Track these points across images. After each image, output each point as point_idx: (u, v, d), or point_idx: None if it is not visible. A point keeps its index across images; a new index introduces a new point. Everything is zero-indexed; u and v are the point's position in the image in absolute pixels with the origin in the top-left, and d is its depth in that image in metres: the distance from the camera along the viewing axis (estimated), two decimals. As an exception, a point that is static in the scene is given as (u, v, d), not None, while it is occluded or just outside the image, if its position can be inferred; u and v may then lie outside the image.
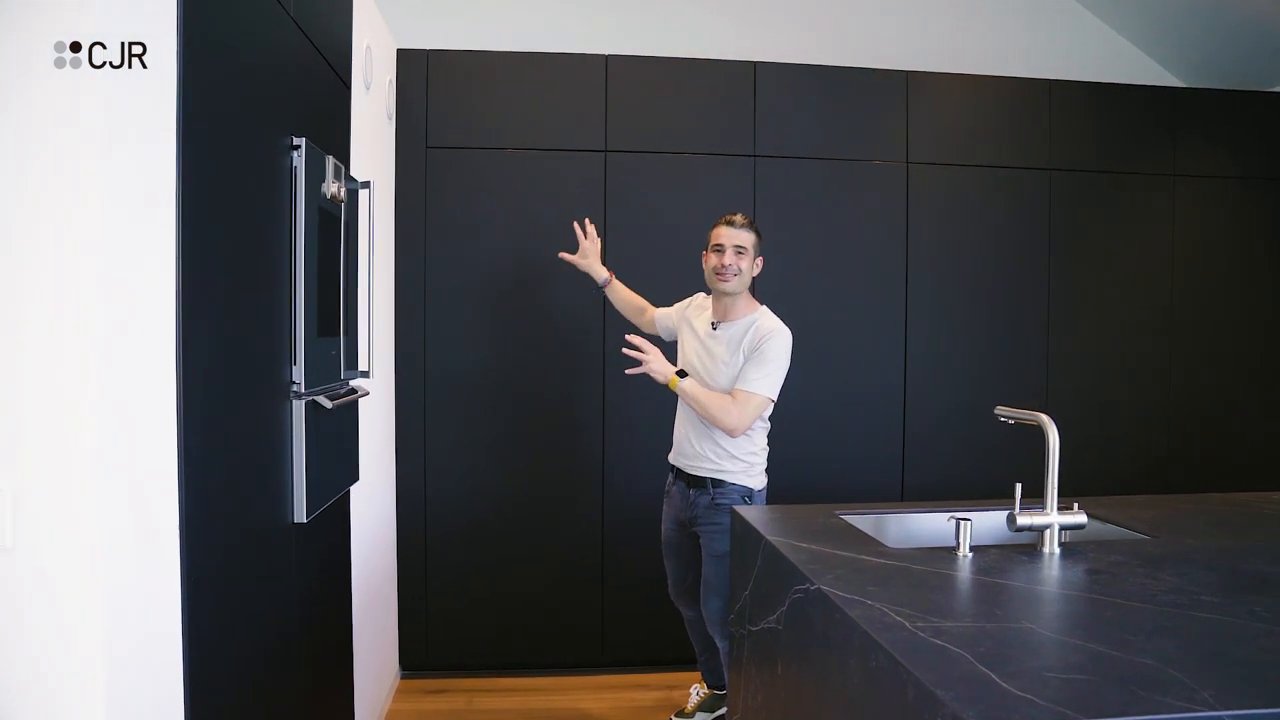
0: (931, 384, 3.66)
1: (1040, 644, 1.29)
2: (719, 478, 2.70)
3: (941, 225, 3.66)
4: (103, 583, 1.23)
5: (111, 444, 1.26)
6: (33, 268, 1.20)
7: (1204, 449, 3.84)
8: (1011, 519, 1.82)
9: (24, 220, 1.19)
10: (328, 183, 2.16)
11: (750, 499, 2.71)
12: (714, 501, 2.70)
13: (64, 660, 1.21)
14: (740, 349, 2.64)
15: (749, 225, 2.71)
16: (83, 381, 1.22)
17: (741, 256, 2.67)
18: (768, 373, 2.59)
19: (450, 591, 3.46)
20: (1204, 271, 3.83)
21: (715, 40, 3.88)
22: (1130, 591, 1.52)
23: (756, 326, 2.65)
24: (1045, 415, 1.86)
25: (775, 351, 2.59)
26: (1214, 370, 3.85)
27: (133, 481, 1.32)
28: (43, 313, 1.21)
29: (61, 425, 1.21)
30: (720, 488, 2.70)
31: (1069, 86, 3.73)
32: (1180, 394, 3.83)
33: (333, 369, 2.27)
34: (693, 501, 2.74)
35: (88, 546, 1.21)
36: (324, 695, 2.31)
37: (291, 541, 2.00)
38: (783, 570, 1.79)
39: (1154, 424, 3.82)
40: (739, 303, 2.72)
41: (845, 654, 1.42)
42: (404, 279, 3.42)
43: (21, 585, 1.21)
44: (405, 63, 3.39)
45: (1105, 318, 3.77)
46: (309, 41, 2.11)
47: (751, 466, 2.72)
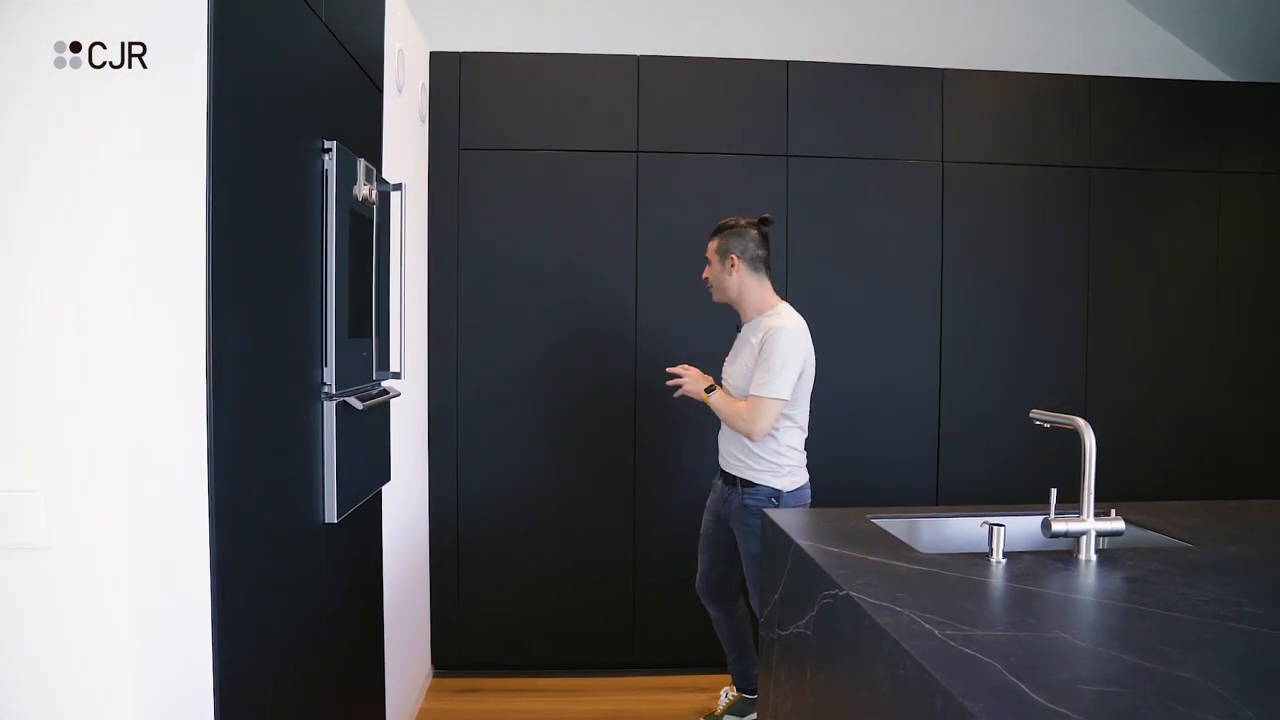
0: (967, 385, 3.61)
1: (1074, 654, 1.26)
2: (747, 478, 2.71)
3: (977, 225, 3.60)
4: (134, 581, 1.24)
5: (142, 444, 1.28)
6: (33, 267, 1.21)
7: (1249, 455, 3.74)
8: (1046, 525, 1.78)
9: (24, 220, 1.20)
10: (359, 185, 2.17)
11: (778, 500, 2.69)
12: (744, 501, 2.71)
13: (95, 657, 1.23)
14: (753, 348, 2.66)
15: (711, 233, 2.79)
16: (112, 384, 1.23)
17: (709, 268, 2.77)
18: (772, 375, 2.59)
19: (482, 590, 3.47)
20: (1251, 272, 3.73)
21: (747, 39, 3.85)
22: (1170, 601, 1.48)
23: (762, 326, 2.67)
24: (1081, 419, 1.82)
25: (774, 351, 2.59)
26: (1261, 374, 3.75)
27: (164, 481, 1.34)
28: (44, 313, 1.22)
29: (93, 427, 1.23)
30: (749, 488, 2.71)
31: (1109, 82, 3.66)
32: (1225, 398, 3.73)
33: (364, 370, 2.29)
34: (727, 499, 2.78)
35: (119, 546, 1.23)
36: (355, 693, 2.33)
37: (322, 541, 2.02)
38: (812, 575, 1.77)
39: (1196, 428, 3.72)
40: (747, 302, 2.75)
41: (873, 661, 1.40)
42: (437, 281, 3.44)
43: (56, 583, 1.23)
44: (438, 65, 3.41)
45: (1146, 319, 3.69)
46: (340, 46, 2.13)
47: (779, 468, 2.70)
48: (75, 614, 1.23)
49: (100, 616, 1.23)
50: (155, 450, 1.31)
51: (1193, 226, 3.71)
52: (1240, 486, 3.67)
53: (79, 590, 1.23)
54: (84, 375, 1.23)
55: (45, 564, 1.22)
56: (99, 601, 1.24)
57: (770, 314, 2.70)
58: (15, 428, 1.22)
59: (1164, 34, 4.11)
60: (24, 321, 1.22)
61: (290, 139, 1.82)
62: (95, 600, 1.24)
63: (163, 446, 1.34)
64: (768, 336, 2.61)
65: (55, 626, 1.23)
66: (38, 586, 1.23)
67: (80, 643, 1.23)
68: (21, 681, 1.22)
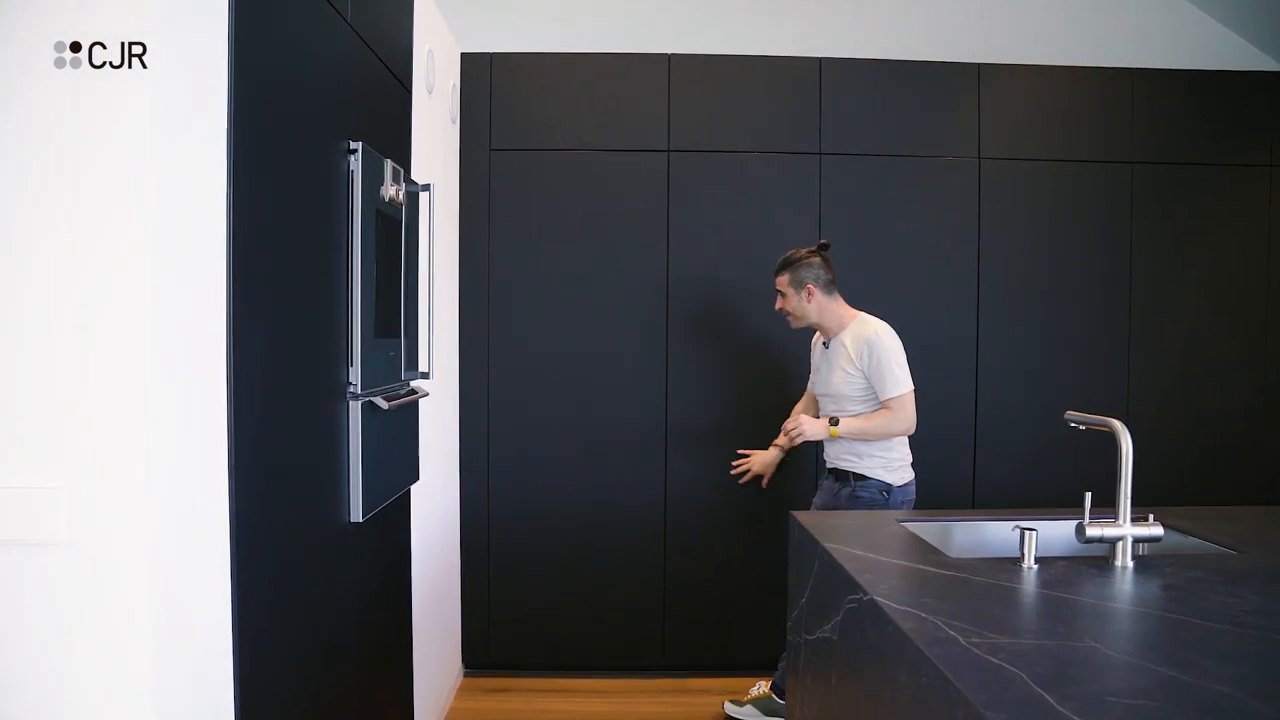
0: (1005, 387, 3.53)
1: (1105, 665, 1.21)
2: (861, 472, 2.80)
3: (1016, 223, 3.53)
4: (153, 578, 1.25)
5: (163, 442, 1.29)
6: (33, 267, 1.23)
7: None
8: (1080, 529, 1.73)
9: (24, 220, 1.21)
10: (386, 186, 2.18)
11: (889, 494, 2.80)
12: (854, 494, 2.81)
13: (114, 654, 1.24)
14: (852, 357, 2.79)
15: (777, 268, 2.90)
16: (133, 382, 1.25)
17: (784, 300, 2.89)
18: (893, 373, 2.73)
19: (513, 590, 3.48)
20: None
21: (779, 36, 3.81)
22: (1209, 610, 1.42)
23: (854, 337, 2.80)
24: (1117, 421, 1.76)
25: (885, 353, 2.75)
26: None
27: (184, 479, 1.35)
28: (46, 312, 1.23)
29: (114, 425, 1.24)
30: (862, 481, 2.80)
31: (1154, 75, 3.55)
32: (1274, 402, 3.61)
33: (392, 370, 2.30)
34: (837, 493, 2.85)
35: (138, 543, 1.24)
36: (383, 692, 2.34)
37: (349, 540, 2.03)
38: (838, 579, 1.74)
39: (1244, 432, 3.60)
40: (828, 322, 2.87)
41: (896, 668, 1.37)
42: (468, 281, 3.45)
43: (75, 579, 1.24)
44: (469, 66, 3.42)
45: (1192, 321, 3.58)
46: (367, 46, 2.14)
47: (890, 462, 2.80)
48: (93, 610, 1.24)
49: (119, 612, 1.25)
50: (175, 449, 1.32)
51: (1243, 224, 3.59)
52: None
53: (97, 586, 1.25)
54: (93, 374, 1.24)
55: (65, 559, 1.24)
56: (117, 597, 1.25)
57: (857, 323, 2.84)
58: (36, 426, 1.24)
59: (1210, 22, 3.98)
60: (25, 320, 1.23)
61: (313, 140, 1.83)
62: (113, 596, 1.25)
63: (183, 445, 1.35)
64: (873, 344, 2.75)
65: (73, 621, 1.25)
66: (58, 582, 1.24)
67: (98, 638, 1.25)
68: (36, 676, 1.23)
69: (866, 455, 2.80)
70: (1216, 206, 3.58)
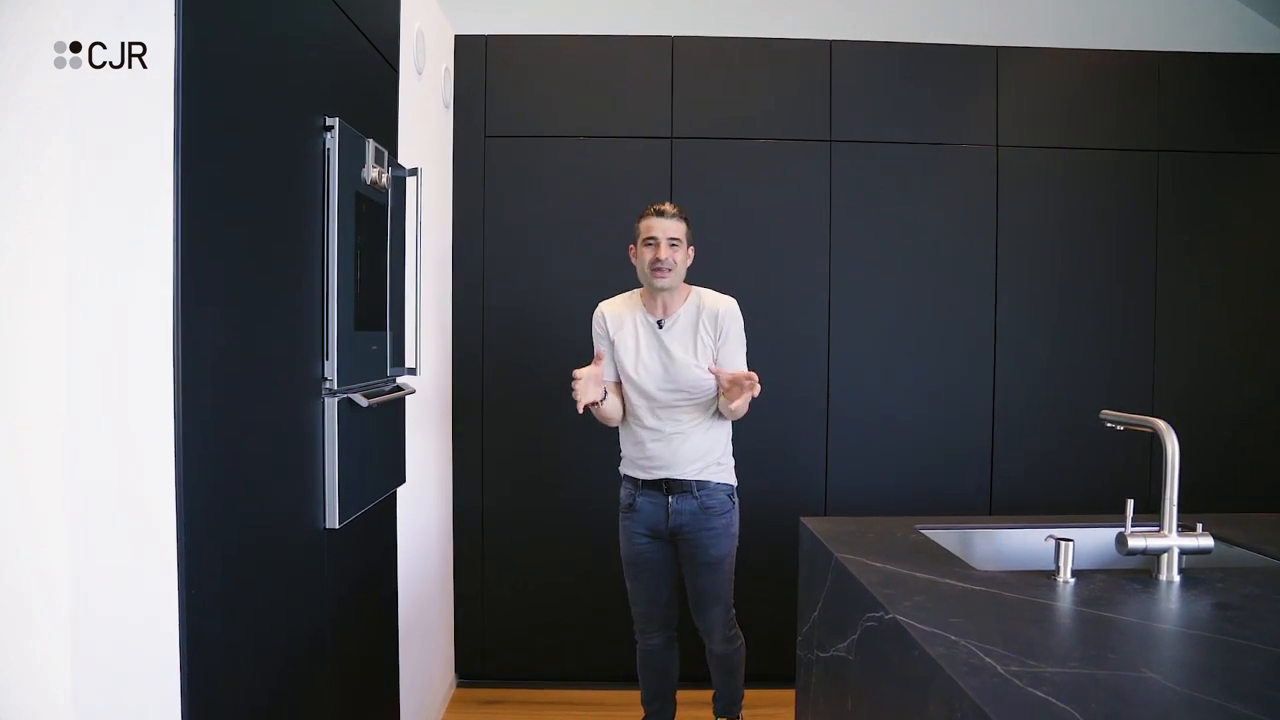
0: (1024, 386, 3.37)
1: (1166, 700, 1.06)
2: (704, 479, 2.54)
3: (1036, 213, 3.37)
4: (73, 594, 1.10)
5: (90, 447, 1.14)
6: (31, 267, 1.13)
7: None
8: (1122, 540, 1.58)
9: (24, 220, 1.13)
10: (367, 167, 2.04)
11: (733, 496, 2.60)
12: (703, 505, 2.54)
13: (29, 682, 1.10)
14: (696, 335, 2.53)
15: (680, 215, 2.54)
16: (51, 380, 1.10)
17: (675, 249, 2.51)
18: (743, 349, 2.55)
19: (508, 598, 3.33)
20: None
21: (787, 18, 3.65)
22: (1272, 634, 1.27)
23: (704, 309, 2.54)
24: (1161, 421, 1.61)
25: (740, 327, 2.55)
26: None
27: (118, 489, 1.20)
28: (40, 311, 1.13)
29: (29, 427, 1.10)
30: (704, 489, 2.54)
31: (1181, 59, 3.39)
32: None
33: (375, 365, 2.15)
34: (674, 510, 2.55)
35: (54, 555, 1.09)
36: (364, 706, 2.20)
37: (323, 548, 1.88)
38: (854, 593, 1.59)
39: (1278, 431, 3.44)
40: (675, 293, 2.57)
41: (924, 698, 1.21)
42: (462, 272, 3.30)
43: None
44: (463, 49, 3.28)
45: (1223, 314, 3.41)
46: (346, 17, 1.99)
47: (731, 462, 2.63)
48: (6, 639, 1.10)
49: (34, 637, 1.10)
50: (104, 452, 1.17)
51: (1274, 212, 3.43)
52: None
53: (11, 613, 1.10)
54: (17, 374, 1.10)
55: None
56: (30, 622, 1.10)
57: (702, 295, 2.57)
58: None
59: (1241, 6, 3.82)
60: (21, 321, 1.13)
61: (282, 115, 1.68)
62: (24, 615, 1.10)
63: (117, 448, 1.20)
64: (733, 312, 2.54)
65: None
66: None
67: (7, 665, 1.10)
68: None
69: (725, 456, 2.58)
70: (1247, 195, 3.42)
